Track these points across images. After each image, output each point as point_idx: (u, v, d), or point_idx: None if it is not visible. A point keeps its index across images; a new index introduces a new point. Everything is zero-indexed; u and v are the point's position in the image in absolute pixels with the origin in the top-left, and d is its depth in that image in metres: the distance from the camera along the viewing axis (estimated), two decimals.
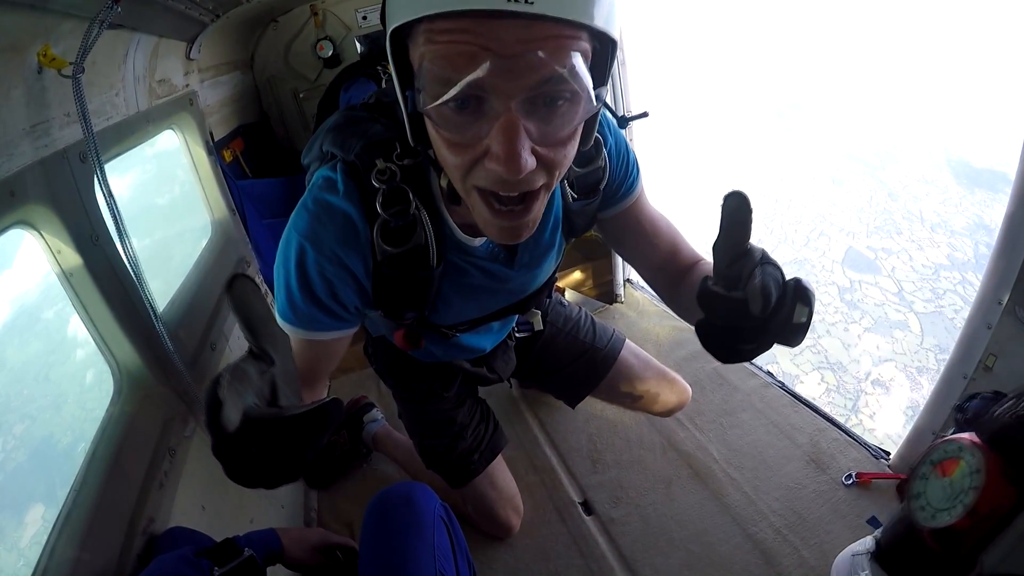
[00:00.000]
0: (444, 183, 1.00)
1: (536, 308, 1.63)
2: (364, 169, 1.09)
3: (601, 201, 1.36)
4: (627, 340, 2.12)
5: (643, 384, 2.07)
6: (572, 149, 0.88)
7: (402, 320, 1.38)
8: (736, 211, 0.81)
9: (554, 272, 1.56)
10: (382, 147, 1.10)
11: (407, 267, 1.14)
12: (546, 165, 0.85)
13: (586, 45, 0.79)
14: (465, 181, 0.89)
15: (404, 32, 0.81)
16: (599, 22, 0.76)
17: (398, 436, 2.39)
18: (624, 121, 1.36)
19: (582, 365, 2.04)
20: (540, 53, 0.73)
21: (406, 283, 1.17)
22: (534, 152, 0.81)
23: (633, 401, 2.11)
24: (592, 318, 2.12)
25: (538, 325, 1.75)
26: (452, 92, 0.76)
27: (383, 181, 1.08)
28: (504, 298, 1.45)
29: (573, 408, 2.18)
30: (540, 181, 0.87)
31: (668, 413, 2.16)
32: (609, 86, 0.91)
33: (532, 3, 0.70)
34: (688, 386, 2.15)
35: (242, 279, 0.73)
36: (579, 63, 0.76)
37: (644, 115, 1.98)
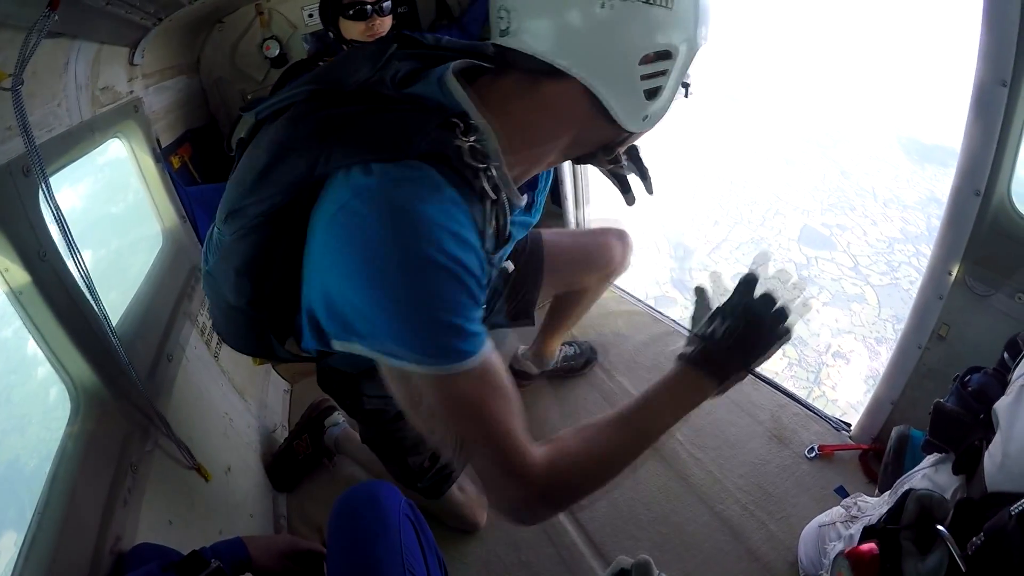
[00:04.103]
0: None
1: None
2: (455, 157, 0.98)
3: None
4: (541, 230, 2.00)
5: (579, 246, 2.10)
6: None
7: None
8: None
9: None
10: (449, 129, 0.99)
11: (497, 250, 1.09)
12: None
13: None
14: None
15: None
16: None
17: (359, 438, 2.37)
18: None
19: (520, 267, 1.86)
20: None
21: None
22: None
23: (585, 269, 2.12)
24: None
25: (510, 267, 1.63)
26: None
27: (482, 162, 1.00)
28: None
29: (533, 324, 2.10)
30: None
31: (624, 261, 2.18)
32: None
33: None
34: (624, 228, 2.18)
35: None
36: None
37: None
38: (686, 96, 1.12)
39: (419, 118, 0.99)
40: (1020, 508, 0.82)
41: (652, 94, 1.03)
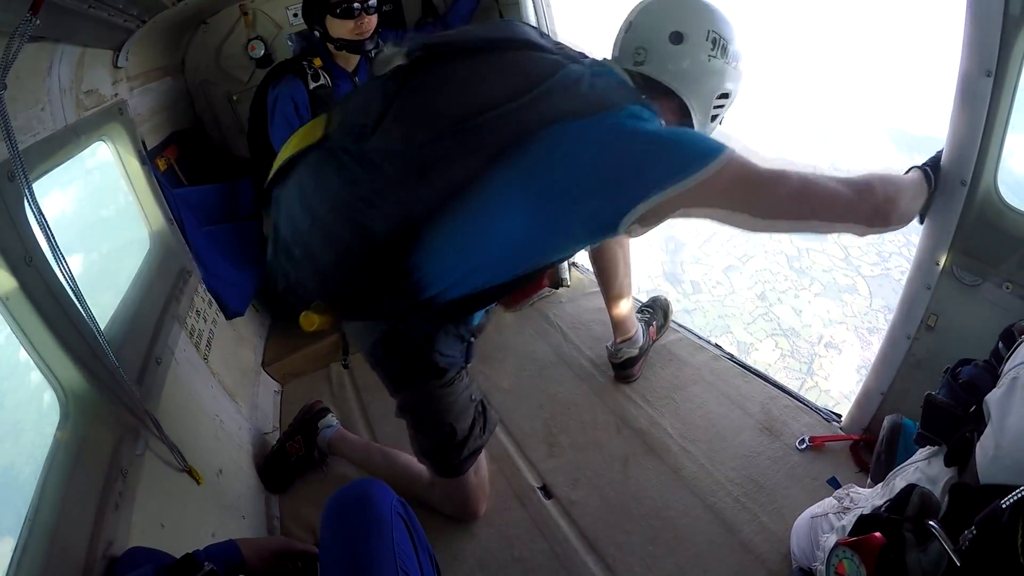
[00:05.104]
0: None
1: None
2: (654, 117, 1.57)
3: None
4: None
5: None
6: None
7: None
8: None
9: None
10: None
11: None
12: None
13: None
14: None
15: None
16: None
17: (352, 438, 2.39)
18: None
19: None
20: None
21: None
22: None
23: None
24: None
25: None
26: None
27: None
28: None
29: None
30: None
31: None
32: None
33: None
34: None
35: None
36: None
37: None
38: (720, 124, 1.81)
39: (632, 86, 1.63)
40: (1012, 500, 0.82)
41: (713, 119, 1.75)
